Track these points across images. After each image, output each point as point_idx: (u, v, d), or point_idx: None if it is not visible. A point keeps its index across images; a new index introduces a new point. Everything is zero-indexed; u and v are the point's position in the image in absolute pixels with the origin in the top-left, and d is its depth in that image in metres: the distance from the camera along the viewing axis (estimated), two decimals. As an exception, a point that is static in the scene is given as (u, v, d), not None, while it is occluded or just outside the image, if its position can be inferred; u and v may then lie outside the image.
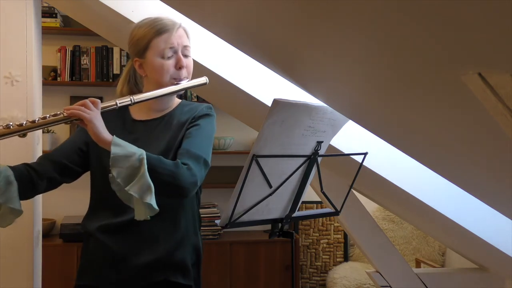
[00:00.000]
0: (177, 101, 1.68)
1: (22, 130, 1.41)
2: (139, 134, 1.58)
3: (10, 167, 1.46)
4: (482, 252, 2.14)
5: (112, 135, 1.43)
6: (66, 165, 1.56)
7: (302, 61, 1.43)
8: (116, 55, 3.78)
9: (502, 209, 1.79)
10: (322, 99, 1.60)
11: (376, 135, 1.70)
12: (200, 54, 1.88)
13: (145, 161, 1.36)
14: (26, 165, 1.51)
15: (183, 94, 3.88)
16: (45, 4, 3.61)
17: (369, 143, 1.83)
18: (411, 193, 1.95)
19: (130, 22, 1.84)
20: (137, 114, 1.64)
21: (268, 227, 1.57)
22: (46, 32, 3.43)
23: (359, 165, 1.65)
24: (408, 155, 1.71)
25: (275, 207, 1.54)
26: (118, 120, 1.62)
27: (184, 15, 1.67)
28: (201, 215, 1.74)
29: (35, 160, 1.60)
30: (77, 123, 1.43)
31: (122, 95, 1.63)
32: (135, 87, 1.66)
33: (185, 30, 1.60)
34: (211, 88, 2.08)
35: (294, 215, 1.60)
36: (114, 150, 1.36)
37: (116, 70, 3.75)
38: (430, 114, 1.22)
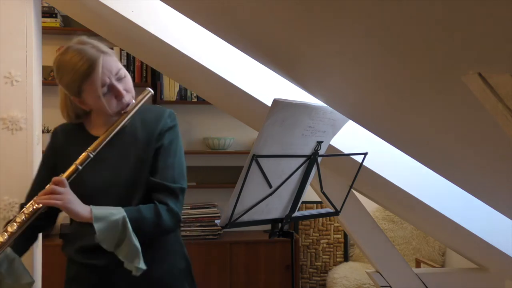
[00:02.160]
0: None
1: (5, 244, 1.41)
2: (103, 153, 1.52)
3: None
4: (482, 252, 2.14)
5: (77, 152, 1.46)
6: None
7: (302, 61, 1.43)
8: (116, 55, 3.77)
9: (502, 209, 1.79)
10: (322, 99, 1.60)
11: (376, 135, 1.70)
12: (200, 54, 1.88)
13: (128, 225, 1.40)
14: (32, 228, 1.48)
15: (179, 96, 3.88)
16: (45, 4, 3.61)
17: (369, 143, 1.83)
18: (411, 193, 1.95)
19: (130, 22, 1.85)
20: (94, 129, 1.59)
21: (268, 227, 1.57)
22: (46, 32, 3.43)
23: (359, 165, 1.65)
24: (408, 155, 1.71)
25: (275, 207, 1.54)
26: (78, 137, 1.59)
27: (184, 15, 1.68)
28: (201, 215, 1.75)
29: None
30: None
31: (69, 117, 1.60)
32: (78, 108, 1.59)
33: (110, 55, 1.53)
34: (212, 88, 2.08)
35: (294, 215, 1.60)
36: (98, 226, 1.39)
37: (116, 70, 3.75)
38: (430, 114, 1.22)
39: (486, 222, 1.98)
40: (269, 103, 1.59)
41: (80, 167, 1.47)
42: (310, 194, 2.66)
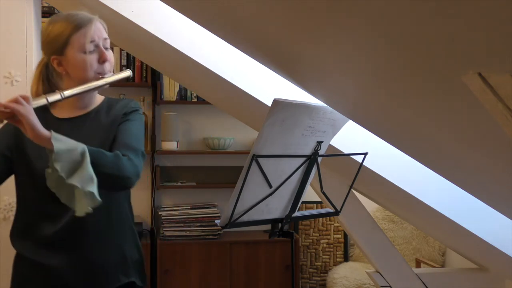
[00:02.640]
0: (100, 97, 1.63)
1: None
2: (67, 133, 1.47)
3: None
4: (482, 252, 2.14)
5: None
6: None
7: (302, 61, 1.43)
8: (116, 55, 3.78)
9: (502, 209, 1.79)
10: (322, 99, 1.60)
11: (376, 135, 1.70)
12: (200, 54, 1.88)
13: (87, 154, 1.33)
14: None
15: (179, 96, 3.88)
16: (45, 4, 3.61)
17: (369, 143, 1.83)
18: (411, 193, 1.95)
19: (130, 22, 1.85)
20: (59, 112, 1.57)
21: (268, 227, 1.57)
22: (46, 32, 3.42)
23: (359, 165, 1.65)
24: (408, 155, 1.71)
25: (275, 207, 1.54)
26: (41, 118, 1.52)
27: (184, 15, 1.68)
28: (201, 215, 1.74)
29: None
30: (9, 121, 1.35)
31: (37, 95, 1.55)
32: (49, 88, 1.57)
33: (102, 24, 1.56)
34: (212, 88, 2.08)
35: (294, 215, 1.60)
36: (56, 145, 1.30)
37: (116, 70, 3.75)
38: (430, 114, 1.22)
39: (486, 222, 1.98)
40: (269, 103, 1.59)
41: (48, 101, 1.42)
42: (310, 194, 2.65)
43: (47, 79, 1.57)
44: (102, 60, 1.52)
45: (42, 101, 1.42)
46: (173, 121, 3.78)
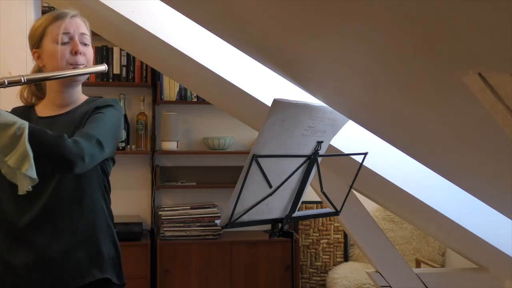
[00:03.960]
0: (83, 97, 1.64)
1: None
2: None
3: None
4: (482, 252, 2.14)
5: None
6: None
7: (302, 61, 1.43)
8: (116, 55, 3.78)
9: (502, 209, 1.79)
10: (322, 99, 1.60)
11: (376, 135, 1.70)
12: (200, 54, 1.88)
13: (26, 130, 1.30)
14: None
15: (179, 96, 3.89)
16: (45, 4, 3.61)
17: (369, 143, 1.83)
18: (411, 193, 1.95)
19: (130, 22, 1.85)
20: (42, 111, 1.60)
21: (268, 227, 1.57)
22: (46, 32, 3.43)
23: (359, 165, 1.65)
24: (408, 155, 1.71)
25: (275, 207, 1.54)
26: (25, 118, 1.51)
27: (184, 15, 1.68)
28: (201, 215, 1.74)
29: None
30: None
31: (22, 97, 1.60)
32: (37, 91, 1.62)
33: (83, 21, 1.60)
34: (212, 88, 2.08)
35: (294, 215, 1.60)
36: None
37: (116, 70, 3.75)
38: (430, 114, 1.22)
39: (486, 222, 1.98)
40: (269, 103, 1.59)
41: (6, 83, 1.40)
42: (310, 194, 2.65)
43: (38, 85, 1.61)
44: (74, 51, 1.53)
45: (1, 84, 1.40)
46: (173, 121, 3.78)
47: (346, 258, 4.03)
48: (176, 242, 3.60)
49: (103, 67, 1.61)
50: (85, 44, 1.57)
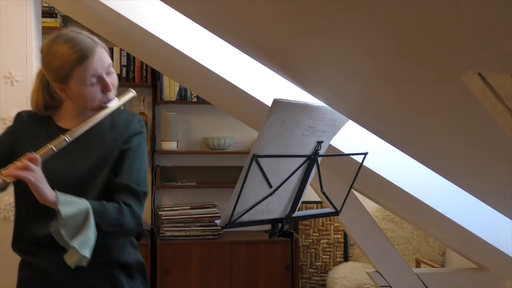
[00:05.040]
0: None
1: None
2: (67, 145, 1.49)
3: None
4: (482, 252, 2.14)
5: (38, 142, 1.44)
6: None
7: (302, 61, 1.43)
8: (116, 55, 3.78)
9: (502, 209, 1.79)
10: (322, 99, 1.60)
11: (376, 135, 1.70)
12: (200, 54, 1.88)
13: (91, 216, 1.39)
14: None
15: (179, 96, 3.88)
16: (45, 4, 3.61)
17: (369, 143, 1.83)
18: (411, 193, 1.95)
19: (130, 22, 1.85)
20: (61, 121, 1.58)
21: (268, 227, 1.57)
22: (46, 32, 3.43)
23: (359, 165, 1.65)
24: (408, 155, 1.71)
25: (275, 207, 1.54)
26: (42, 126, 1.57)
27: (184, 15, 1.68)
28: (201, 215, 1.76)
29: None
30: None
31: (37, 107, 1.57)
32: (50, 99, 1.58)
33: (104, 48, 1.53)
34: (212, 88, 2.08)
35: (294, 215, 1.60)
36: (63, 210, 1.37)
37: (116, 70, 3.75)
38: (430, 114, 1.22)
39: (486, 222, 1.98)
40: (269, 103, 1.59)
41: (55, 150, 1.44)
42: (310, 194, 2.65)
43: (47, 88, 1.57)
44: (105, 91, 1.51)
45: (48, 151, 1.44)
46: (173, 121, 3.78)
47: (346, 258, 4.03)
48: (176, 242, 3.60)
49: (131, 95, 1.62)
50: (110, 73, 1.53)
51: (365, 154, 1.62)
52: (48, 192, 1.39)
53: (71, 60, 1.45)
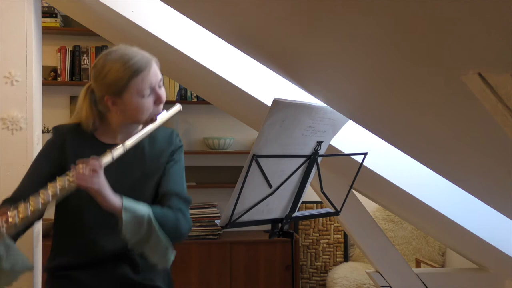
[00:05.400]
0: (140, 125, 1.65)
1: (34, 214, 1.37)
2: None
3: None
4: (482, 252, 2.14)
5: (86, 157, 1.43)
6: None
7: (302, 61, 1.43)
8: (116, 55, 3.78)
9: (502, 209, 1.79)
10: (322, 99, 1.60)
11: (376, 135, 1.70)
12: (200, 54, 1.88)
13: (154, 221, 1.44)
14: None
15: (179, 96, 3.88)
16: (45, 4, 3.61)
17: (369, 143, 1.83)
18: (411, 193, 1.95)
19: (130, 22, 1.85)
20: (103, 136, 1.59)
21: (268, 227, 1.57)
22: (46, 32, 3.43)
23: (359, 165, 1.65)
24: (408, 155, 1.71)
25: (275, 207, 1.54)
26: (86, 142, 1.58)
27: (185, 15, 1.68)
28: (201, 215, 1.78)
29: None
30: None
31: (86, 122, 1.56)
32: (97, 112, 1.59)
33: (157, 63, 1.57)
34: (212, 88, 2.08)
35: (294, 215, 1.60)
36: (125, 216, 1.40)
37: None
38: (430, 114, 1.22)
39: (486, 222, 1.98)
40: (269, 103, 1.59)
41: (114, 158, 1.46)
42: (310, 194, 2.65)
43: (95, 104, 1.58)
44: (158, 102, 1.56)
45: (108, 159, 1.46)
46: (173, 121, 3.78)
47: (346, 258, 4.03)
48: (176, 242, 3.60)
49: (178, 108, 1.66)
50: (162, 87, 1.58)
51: (365, 154, 1.62)
52: (113, 197, 1.42)
53: (128, 73, 1.48)
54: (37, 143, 1.92)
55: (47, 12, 3.69)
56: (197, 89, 2.78)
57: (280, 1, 1.06)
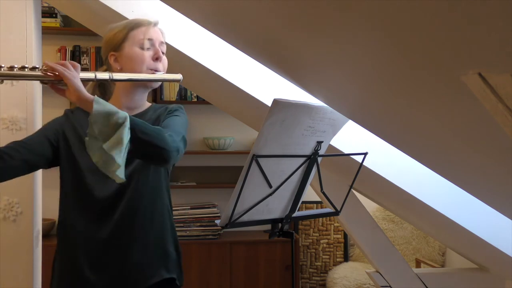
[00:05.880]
0: (148, 103, 1.67)
1: None
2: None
3: None
4: (482, 252, 2.14)
5: (84, 131, 1.42)
6: (39, 152, 1.52)
7: (302, 61, 1.43)
8: (116, 55, 3.78)
9: (502, 209, 1.79)
10: (322, 99, 1.60)
11: (376, 135, 1.70)
12: (200, 54, 1.88)
13: (128, 120, 1.31)
14: None
15: (179, 96, 3.89)
16: (45, 4, 3.61)
17: (369, 143, 1.83)
18: (411, 193, 1.95)
19: (130, 22, 1.84)
20: None
21: (268, 227, 1.57)
22: (46, 32, 3.43)
23: (359, 165, 1.65)
24: (408, 155, 1.71)
25: (275, 207, 1.54)
26: (87, 113, 1.56)
27: (184, 14, 1.68)
28: (201, 215, 1.76)
29: None
30: (54, 86, 1.40)
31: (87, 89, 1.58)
32: (102, 92, 1.64)
33: (161, 30, 1.62)
34: (212, 88, 2.08)
35: (294, 215, 1.60)
36: (96, 107, 1.30)
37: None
38: (430, 114, 1.22)
39: (486, 222, 1.98)
40: (269, 103, 1.59)
41: (96, 77, 1.46)
42: (310, 194, 2.65)
43: (103, 85, 1.64)
44: (156, 57, 1.57)
45: (90, 75, 1.47)
46: (173, 121, 3.78)
47: (346, 258, 4.03)
48: (176, 242, 3.60)
49: (178, 76, 1.62)
50: (163, 53, 1.60)
51: (365, 154, 1.62)
52: (84, 91, 1.35)
53: (129, 26, 1.57)
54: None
55: (47, 12, 3.69)
56: (197, 89, 2.78)
57: (280, 2, 1.06)
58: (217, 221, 1.48)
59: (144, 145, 1.36)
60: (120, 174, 1.29)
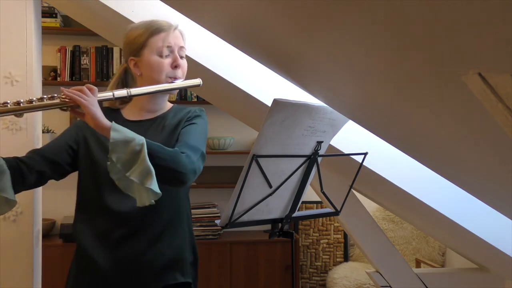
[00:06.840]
0: (169, 105, 1.67)
1: (19, 110, 1.39)
2: None
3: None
4: (482, 252, 2.14)
5: (104, 136, 1.42)
6: (56, 162, 1.53)
7: (302, 61, 1.43)
8: (116, 55, 3.78)
9: (502, 209, 1.79)
10: (322, 99, 1.60)
11: (376, 135, 1.70)
12: (200, 54, 1.88)
13: (145, 146, 1.34)
14: (15, 157, 1.49)
15: (179, 96, 3.89)
16: (45, 4, 3.61)
17: (369, 143, 1.83)
18: (411, 193, 1.95)
19: (130, 22, 1.84)
20: (129, 114, 1.62)
21: (268, 227, 1.58)
22: (46, 32, 3.43)
23: (359, 165, 1.65)
24: (408, 155, 1.71)
25: (275, 207, 1.54)
26: (109, 117, 1.56)
27: (184, 14, 1.68)
28: (201, 215, 1.75)
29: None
30: (74, 110, 1.42)
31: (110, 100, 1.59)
32: (122, 86, 1.64)
33: (181, 33, 1.61)
34: (212, 88, 2.08)
35: (294, 215, 1.60)
36: (113, 135, 1.34)
37: (116, 70, 3.75)
38: (430, 114, 1.22)
39: (486, 222, 1.98)
40: (269, 103, 1.59)
41: (114, 97, 1.48)
42: (310, 194, 2.65)
43: (125, 83, 1.64)
44: (174, 65, 1.57)
45: (108, 95, 1.47)
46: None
47: (346, 258, 4.03)
48: (176, 242, 3.60)
49: (198, 81, 1.63)
50: (182, 57, 1.60)
51: (365, 154, 1.62)
52: (101, 117, 1.37)
53: (148, 31, 1.55)
54: (37, 143, 1.92)
55: (47, 12, 3.69)
56: (197, 89, 2.78)
57: (281, 2, 1.06)
58: (217, 221, 1.48)
59: (161, 170, 1.37)
60: (153, 198, 1.34)
